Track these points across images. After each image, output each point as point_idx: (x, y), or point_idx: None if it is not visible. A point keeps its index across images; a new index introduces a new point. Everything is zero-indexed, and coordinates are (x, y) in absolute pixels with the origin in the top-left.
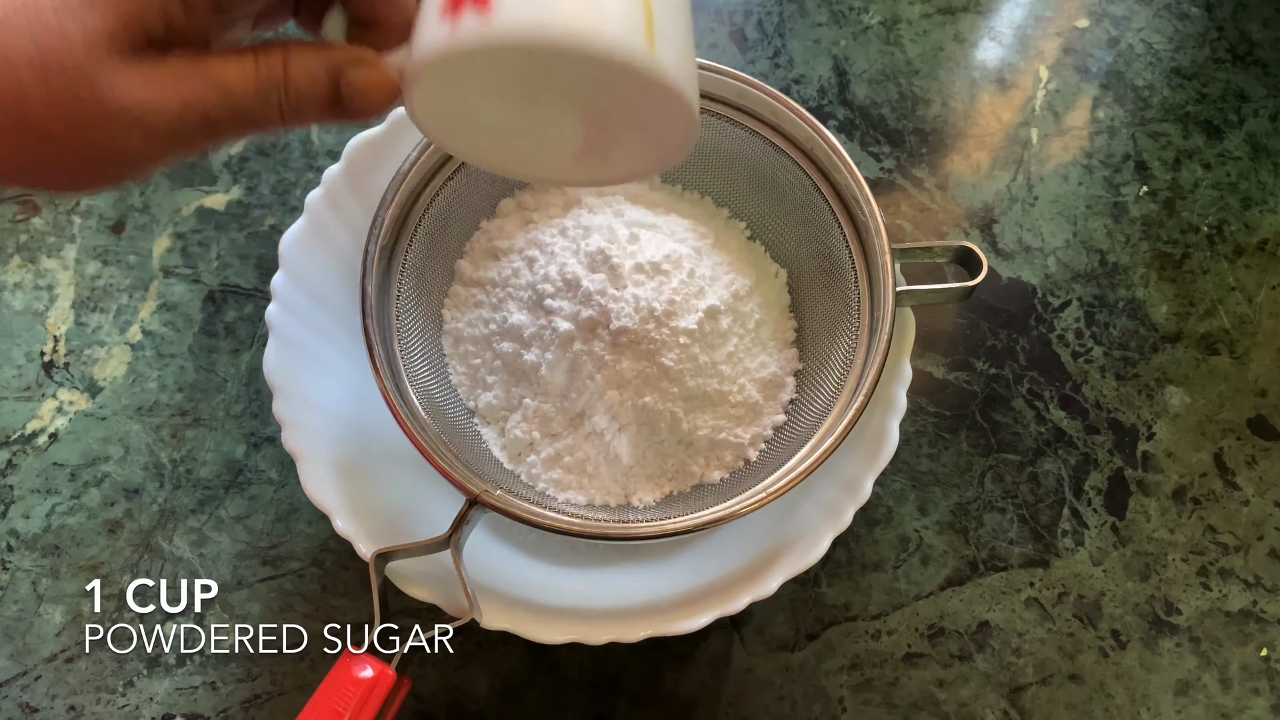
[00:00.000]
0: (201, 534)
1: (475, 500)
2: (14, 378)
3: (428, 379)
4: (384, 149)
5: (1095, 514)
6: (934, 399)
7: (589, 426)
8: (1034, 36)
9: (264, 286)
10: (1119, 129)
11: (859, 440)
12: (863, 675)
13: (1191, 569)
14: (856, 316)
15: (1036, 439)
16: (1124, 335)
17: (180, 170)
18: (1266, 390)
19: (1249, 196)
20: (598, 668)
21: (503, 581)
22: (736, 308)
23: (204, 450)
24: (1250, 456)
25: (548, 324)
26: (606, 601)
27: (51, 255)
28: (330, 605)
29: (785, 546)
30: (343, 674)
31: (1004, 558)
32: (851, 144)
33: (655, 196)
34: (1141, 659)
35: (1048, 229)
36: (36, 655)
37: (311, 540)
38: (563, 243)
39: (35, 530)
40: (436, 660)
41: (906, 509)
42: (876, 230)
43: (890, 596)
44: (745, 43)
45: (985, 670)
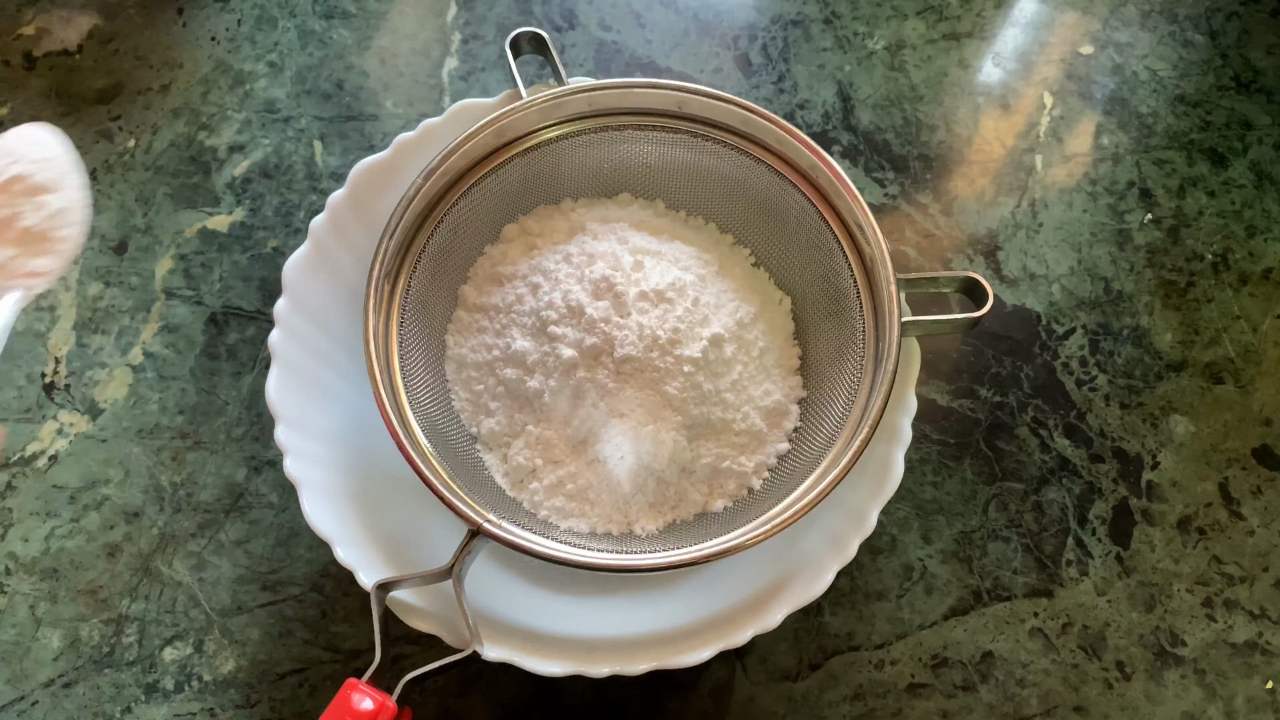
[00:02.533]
0: (201, 558)
1: (477, 531)
2: (14, 399)
3: (430, 405)
4: (388, 174)
5: (1100, 544)
6: (938, 426)
7: (592, 454)
8: (1038, 63)
9: (266, 309)
10: (1123, 156)
11: (864, 471)
12: (866, 706)
13: (1197, 600)
14: (861, 346)
15: (1041, 467)
16: (1128, 363)
17: (183, 191)
18: (1272, 420)
19: (1254, 225)
20: (599, 696)
21: (503, 610)
22: (741, 335)
23: (204, 474)
24: (1256, 486)
25: (551, 350)
26: (608, 631)
27: None
28: (330, 631)
29: (789, 578)
30: (343, 705)
31: (1008, 587)
32: (855, 169)
33: (659, 223)
34: (1146, 691)
35: (1052, 256)
36: (34, 680)
37: (312, 565)
38: (567, 269)
39: (34, 553)
40: (437, 688)
41: (910, 537)
42: (882, 260)
43: (894, 626)
44: (750, 68)
45: (989, 701)
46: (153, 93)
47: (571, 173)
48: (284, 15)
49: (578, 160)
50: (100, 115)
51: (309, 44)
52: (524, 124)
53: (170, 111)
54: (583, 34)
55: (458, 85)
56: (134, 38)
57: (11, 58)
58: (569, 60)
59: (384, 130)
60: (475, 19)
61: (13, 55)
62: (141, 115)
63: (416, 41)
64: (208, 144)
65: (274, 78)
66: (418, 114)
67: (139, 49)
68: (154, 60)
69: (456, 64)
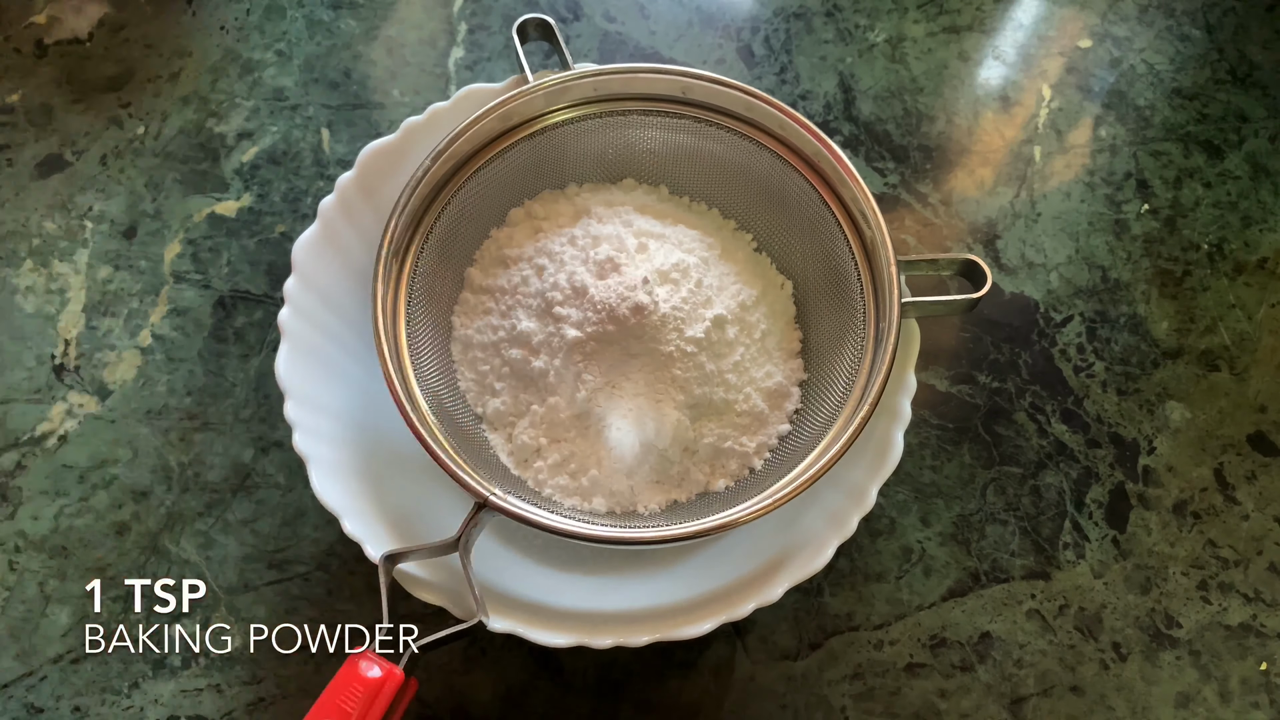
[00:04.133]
0: (208, 537)
1: (484, 503)
2: (25, 380)
3: (437, 384)
4: (397, 157)
5: (1096, 527)
6: (937, 411)
7: (595, 433)
8: (1037, 56)
9: (274, 293)
10: (1121, 148)
11: (864, 449)
12: (865, 685)
13: (1192, 583)
14: (862, 327)
15: (1038, 452)
16: (1125, 351)
17: (192, 177)
18: (1266, 406)
19: (1249, 215)
20: (601, 674)
21: (508, 585)
22: (743, 318)
23: (212, 454)
24: (1250, 472)
25: (556, 331)
26: (611, 606)
27: (64, 259)
28: (336, 609)
29: (790, 554)
30: (350, 673)
31: (1005, 569)
32: (857, 159)
33: (663, 207)
34: (1142, 671)
35: (1050, 245)
36: (42, 656)
37: (318, 545)
38: (572, 251)
39: (43, 531)
40: (441, 665)
41: (909, 520)
42: (882, 242)
43: (893, 607)
44: (752, 59)
45: (987, 681)
46: (162, 80)
47: (577, 157)
48: (292, 5)
49: (583, 145)
50: (110, 102)
51: (317, 33)
52: (530, 109)
53: (180, 99)
54: (587, 25)
55: (464, 74)
56: (144, 26)
57: (23, 46)
58: (574, 52)
59: (391, 118)
60: (481, 9)
61: (24, 43)
62: (151, 102)
63: (423, 31)
64: (216, 131)
65: (282, 66)
66: (424, 102)
67: (149, 37)
68: (164, 48)
69: (463, 53)
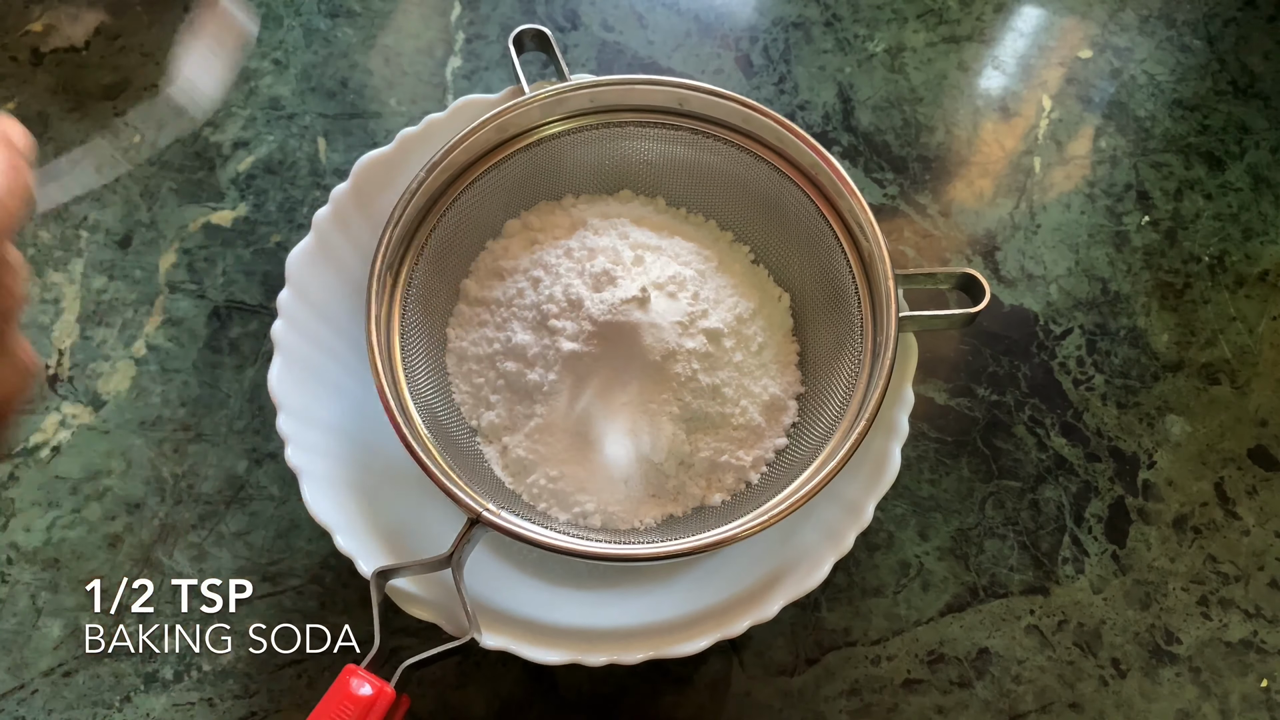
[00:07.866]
0: (202, 549)
1: (477, 519)
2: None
3: (431, 397)
4: (392, 168)
5: (1096, 542)
6: (935, 424)
7: (590, 447)
8: (1037, 66)
9: (269, 303)
10: (1121, 159)
11: (861, 464)
12: (862, 701)
13: (1192, 598)
14: (859, 341)
15: (1037, 466)
16: (1125, 364)
17: (187, 187)
18: (1267, 420)
19: (1250, 227)
20: (596, 689)
21: (502, 600)
22: (739, 330)
23: (206, 465)
24: (1251, 486)
25: (551, 344)
26: (606, 622)
27: (58, 269)
28: (329, 623)
29: (786, 570)
30: (342, 690)
31: (1004, 584)
32: (855, 170)
33: (660, 219)
34: (1141, 688)
35: (1050, 257)
36: (34, 669)
37: (311, 557)
38: (567, 264)
39: (35, 543)
40: (435, 680)
41: (907, 534)
42: (880, 256)
43: (890, 622)
44: (751, 69)
45: (985, 698)
46: (158, 89)
47: (573, 169)
48: (289, 13)
49: (579, 156)
50: (106, 111)
51: (314, 42)
52: (526, 120)
53: (175, 108)
54: (585, 34)
55: (461, 84)
56: (140, 35)
57: (19, 54)
58: (571, 61)
59: (387, 128)
60: (479, 19)
61: (20, 51)
62: (147, 111)
63: (420, 40)
64: (212, 140)
65: (279, 75)
66: (421, 112)
67: (145, 46)
68: (160, 57)
69: (460, 63)
